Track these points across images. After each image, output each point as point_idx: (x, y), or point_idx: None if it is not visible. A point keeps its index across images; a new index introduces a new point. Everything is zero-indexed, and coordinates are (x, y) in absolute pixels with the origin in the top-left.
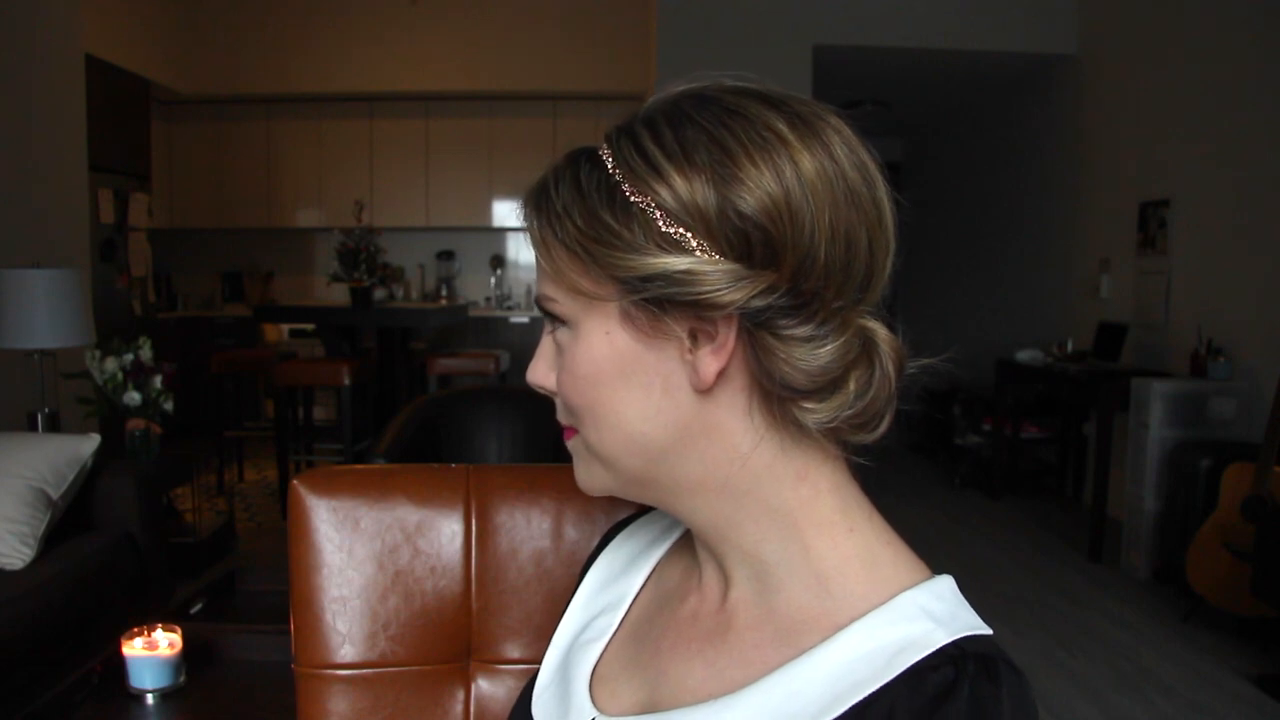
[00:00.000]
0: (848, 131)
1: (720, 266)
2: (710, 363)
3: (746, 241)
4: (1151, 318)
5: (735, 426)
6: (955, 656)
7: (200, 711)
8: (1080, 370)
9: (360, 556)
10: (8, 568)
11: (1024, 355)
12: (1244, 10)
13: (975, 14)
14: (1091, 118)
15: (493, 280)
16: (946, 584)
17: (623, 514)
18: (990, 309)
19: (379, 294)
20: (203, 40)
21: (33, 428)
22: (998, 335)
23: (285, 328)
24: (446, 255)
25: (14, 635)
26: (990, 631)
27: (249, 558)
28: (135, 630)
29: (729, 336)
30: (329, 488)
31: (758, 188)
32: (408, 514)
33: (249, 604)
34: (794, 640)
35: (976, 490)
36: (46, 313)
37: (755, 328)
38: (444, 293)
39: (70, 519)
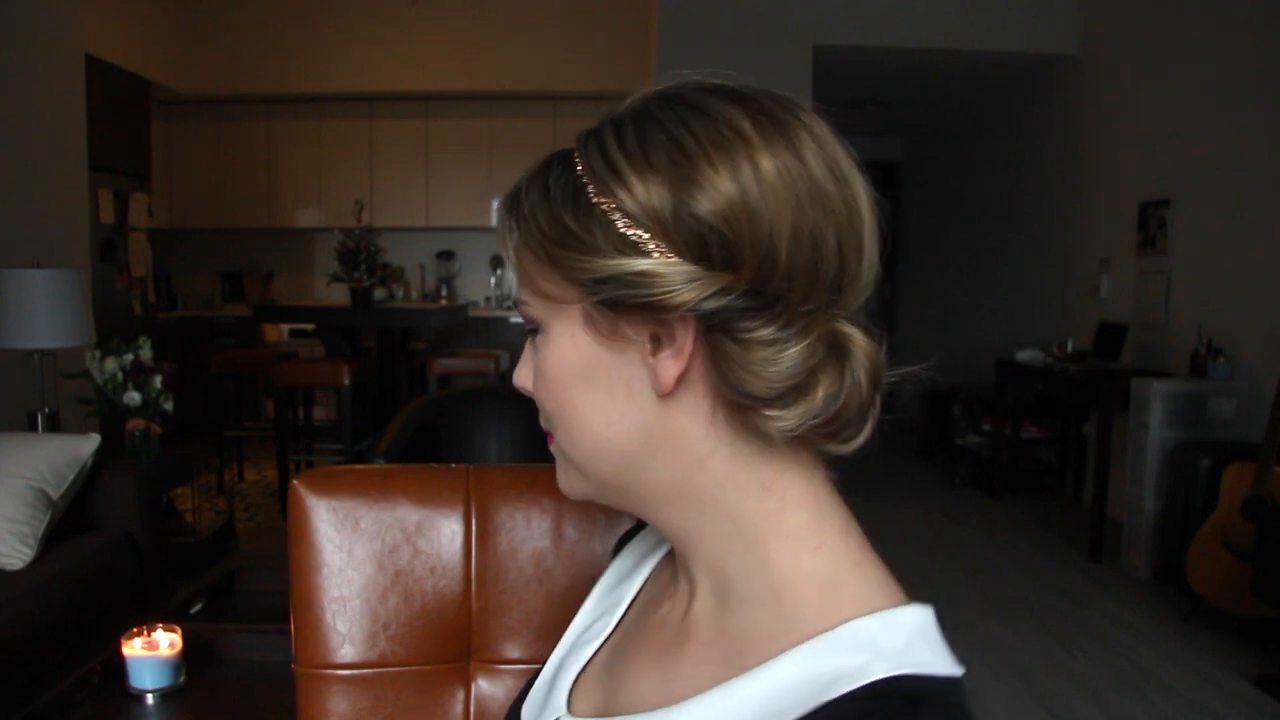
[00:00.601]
0: (822, 130)
1: (676, 268)
2: (669, 367)
3: (703, 244)
4: (1151, 318)
5: (699, 433)
6: (881, 693)
7: (200, 711)
8: (1080, 370)
9: (360, 556)
10: (8, 568)
11: (1024, 355)
12: (1244, 10)
13: (975, 14)
14: (1091, 118)
15: (493, 280)
16: (911, 615)
17: (623, 515)
18: (990, 309)
19: (379, 294)
20: (203, 40)
21: (33, 428)
22: (998, 335)
23: (285, 328)
24: (446, 255)
25: (14, 635)
26: (954, 673)
27: (249, 558)
28: (135, 630)
29: (687, 339)
30: (329, 488)
31: (713, 189)
32: (408, 514)
33: (249, 604)
34: (740, 658)
35: (976, 490)
36: (46, 313)
37: (714, 331)
38: (444, 293)
39: (70, 519)
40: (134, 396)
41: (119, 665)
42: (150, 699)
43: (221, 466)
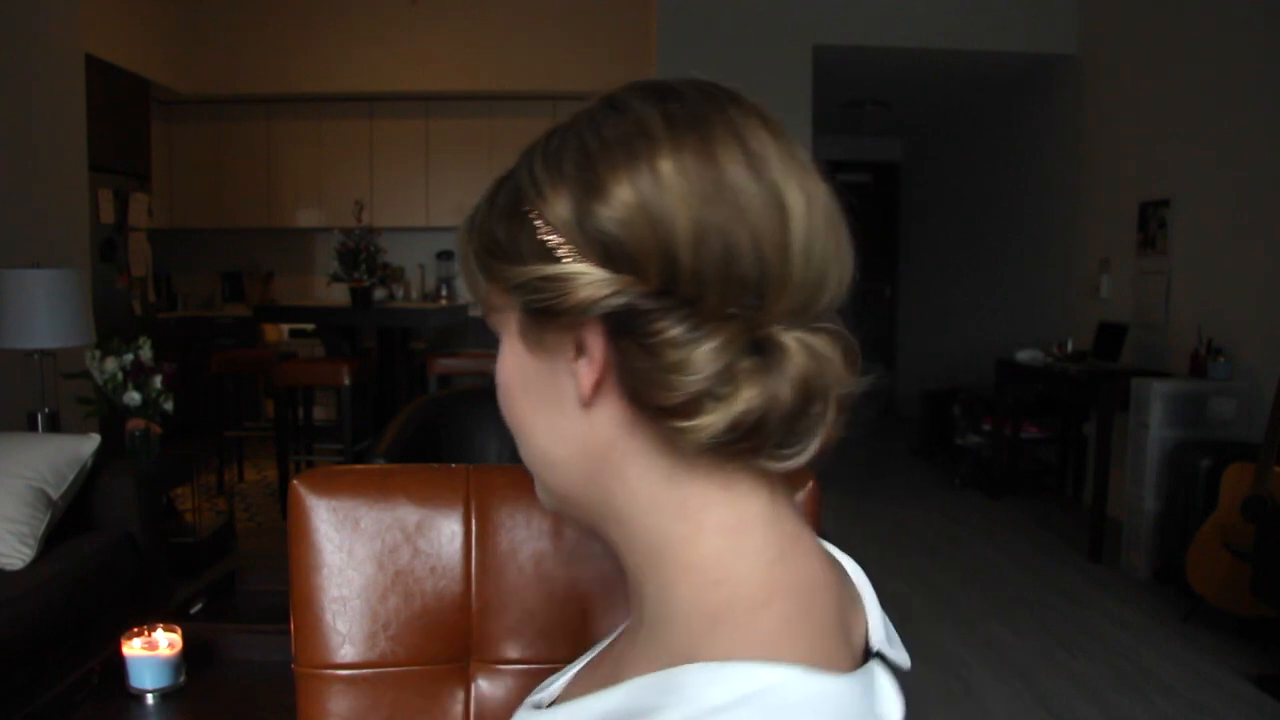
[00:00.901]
0: (751, 124)
1: (580, 272)
2: (585, 374)
3: (607, 249)
4: (1151, 318)
5: (620, 447)
6: None
7: (200, 711)
8: (1080, 370)
9: (360, 556)
10: (8, 568)
11: (1024, 355)
12: (1244, 10)
13: (975, 14)
14: (1091, 118)
15: None
16: (772, 676)
17: None
18: (990, 309)
19: (379, 294)
20: (203, 40)
21: (33, 428)
22: (998, 335)
23: (285, 328)
24: (446, 255)
25: (14, 635)
26: None
27: (249, 558)
28: (135, 630)
29: (598, 345)
30: (329, 488)
31: (612, 196)
32: (408, 514)
33: (249, 604)
34: (612, 678)
35: (976, 490)
36: (46, 313)
37: (624, 337)
38: (444, 293)
39: (70, 519)
40: (134, 396)
41: (119, 665)
42: (150, 699)
43: (221, 466)
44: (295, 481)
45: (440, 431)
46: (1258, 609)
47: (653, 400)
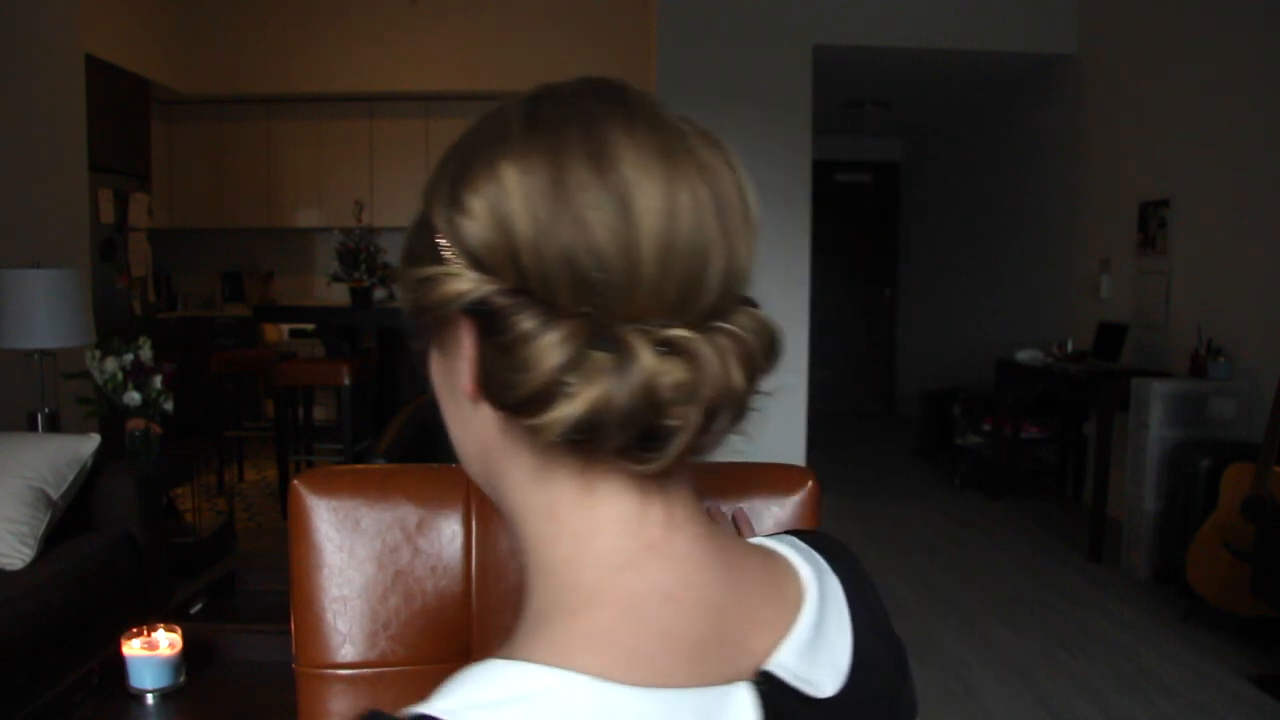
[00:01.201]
0: (611, 119)
1: (447, 273)
2: (464, 371)
3: (471, 251)
4: (1151, 318)
5: (499, 444)
6: None
7: (200, 711)
8: (1080, 370)
9: (360, 556)
10: (8, 568)
11: (1024, 355)
12: (1244, 10)
13: (975, 14)
14: (1091, 118)
15: None
16: (541, 682)
17: None
18: (990, 309)
19: (379, 294)
20: (203, 40)
21: (33, 428)
22: (998, 335)
23: (285, 328)
24: None
25: (14, 635)
26: None
27: (249, 558)
28: (135, 630)
29: (470, 344)
30: (329, 488)
31: (467, 201)
32: (408, 514)
33: (249, 604)
34: None
35: (976, 490)
36: (46, 313)
37: (488, 337)
38: None
39: (70, 519)
40: (134, 396)
41: (119, 665)
42: (150, 699)
43: (221, 466)
44: (296, 481)
45: (440, 432)
46: (1258, 609)
47: (499, 398)
